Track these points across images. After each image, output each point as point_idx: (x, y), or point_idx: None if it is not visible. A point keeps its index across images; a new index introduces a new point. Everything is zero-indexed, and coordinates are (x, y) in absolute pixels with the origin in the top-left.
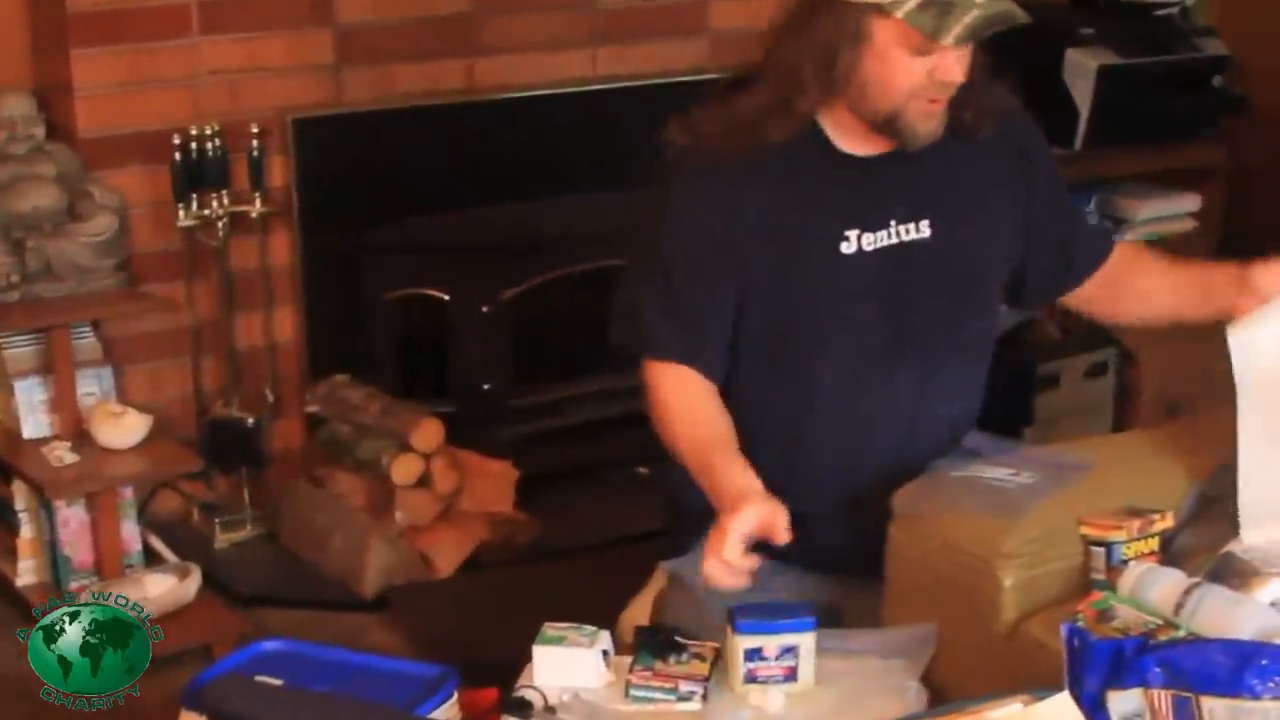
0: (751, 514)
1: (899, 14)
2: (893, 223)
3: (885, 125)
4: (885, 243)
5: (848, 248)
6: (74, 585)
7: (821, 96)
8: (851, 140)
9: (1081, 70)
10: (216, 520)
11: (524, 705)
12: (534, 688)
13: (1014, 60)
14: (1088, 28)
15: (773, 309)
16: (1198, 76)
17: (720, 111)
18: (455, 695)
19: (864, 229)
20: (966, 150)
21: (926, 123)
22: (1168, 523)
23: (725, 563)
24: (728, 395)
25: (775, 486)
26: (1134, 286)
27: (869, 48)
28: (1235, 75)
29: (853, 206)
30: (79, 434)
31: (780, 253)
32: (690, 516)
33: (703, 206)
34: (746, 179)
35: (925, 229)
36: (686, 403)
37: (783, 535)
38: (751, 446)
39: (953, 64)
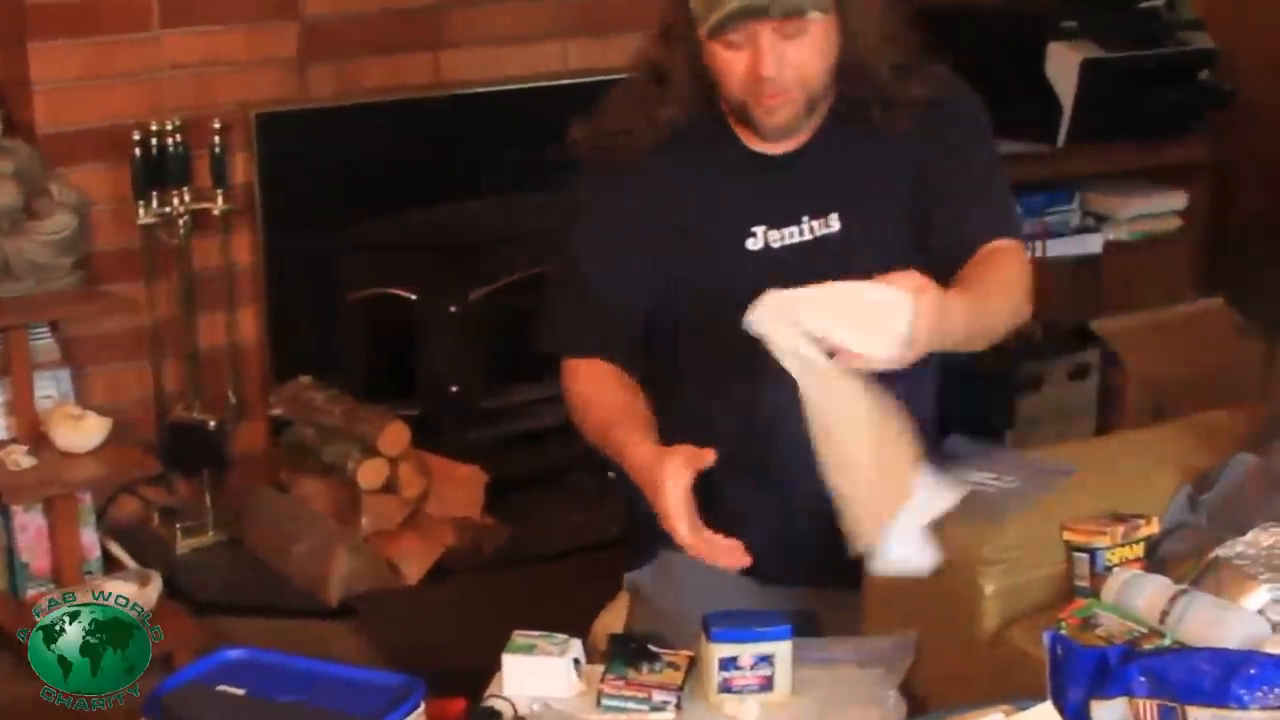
0: (671, 482)
1: (691, 3)
2: (805, 219)
3: (741, 118)
4: (796, 239)
5: (754, 244)
6: (31, 593)
7: (681, 88)
8: (754, 138)
9: (1064, 64)
10: (177, 526)
11: (493, 715)
12: (503, 697)
13: (995, 54)
14: (1070, 20)
15: (690, 309)
16: (1184, 70)
17: (619, 103)
18: (422, 705)
19: (771, 225)
20: (876, 141)
21: (771, 117)
22: (1153, 528)
23: (699, 546)
24: (678, 411)
25: (735, 497)
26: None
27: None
28: (1222, 69)
29: (760, 203)
30: (36, 437)
31: (688, 249)
32: (642, 524)
33: (607, 201)
34: (650, 175)
35: (835, 223)
36: (593, 388)
37: (704, 460)
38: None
39: (763, 56)
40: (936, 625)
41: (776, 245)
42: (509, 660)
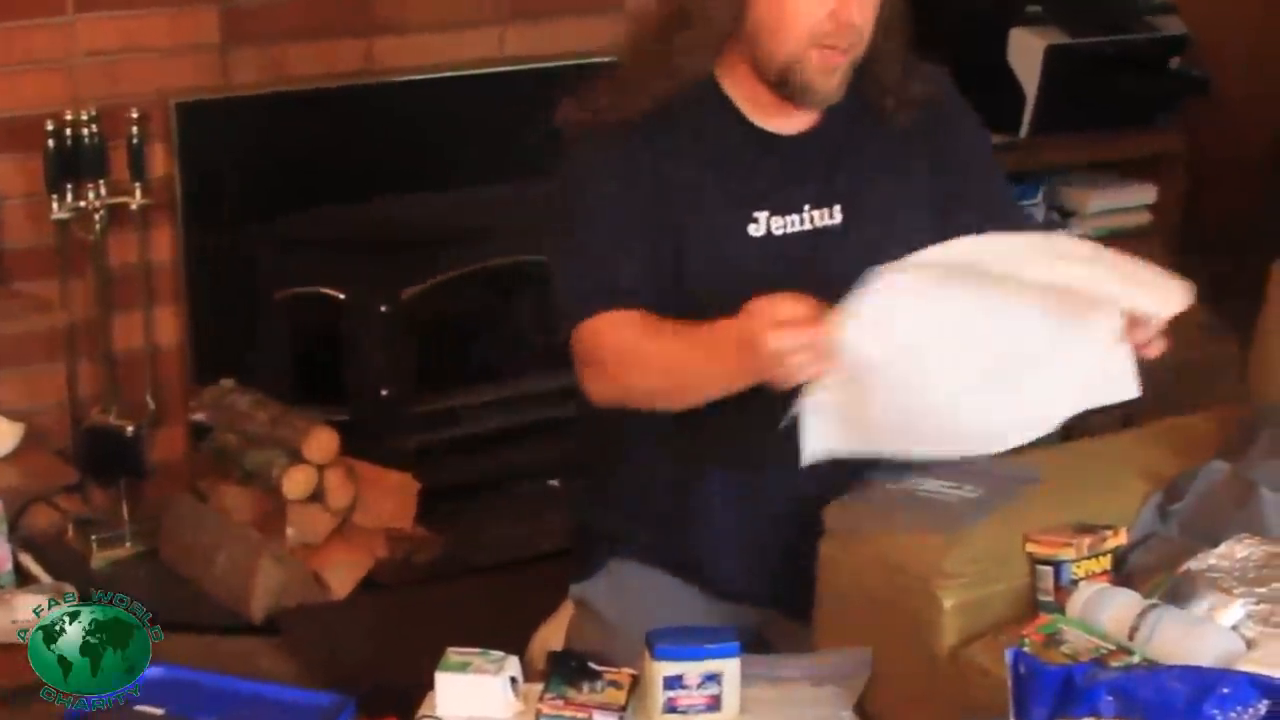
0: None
1: None
2: (806, 207)
3: (782, 77)
4: (796, 228)
5: (755, 230)
6: None
7: (705, 34)
8: (764, 114)
9: (1028, 50)
10: (93, 537)
11: None
12: (436, 718)
13: (954, 39)
14: (1035, 4)
15: (676, 291)
16: (1154, 57)
17: (610, 79)
18: None
19: (774, 211)
20: (882, 136)
21: (826, 78)
22: (1120, 539)
23: (799, 337)
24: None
25: (710, 495)
26: None
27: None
28: (1195, 56)
29: (763, 186)
30: None
31: (682, 227)
32: (596, 535)
33: (605, 166)
34: (645, 144)
35: (837, 215)
36: (634, 331)
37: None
38: (655, 458)
39: (852, 3)
40: (893, 641)
41: (778, 233)
42: (442, 679)
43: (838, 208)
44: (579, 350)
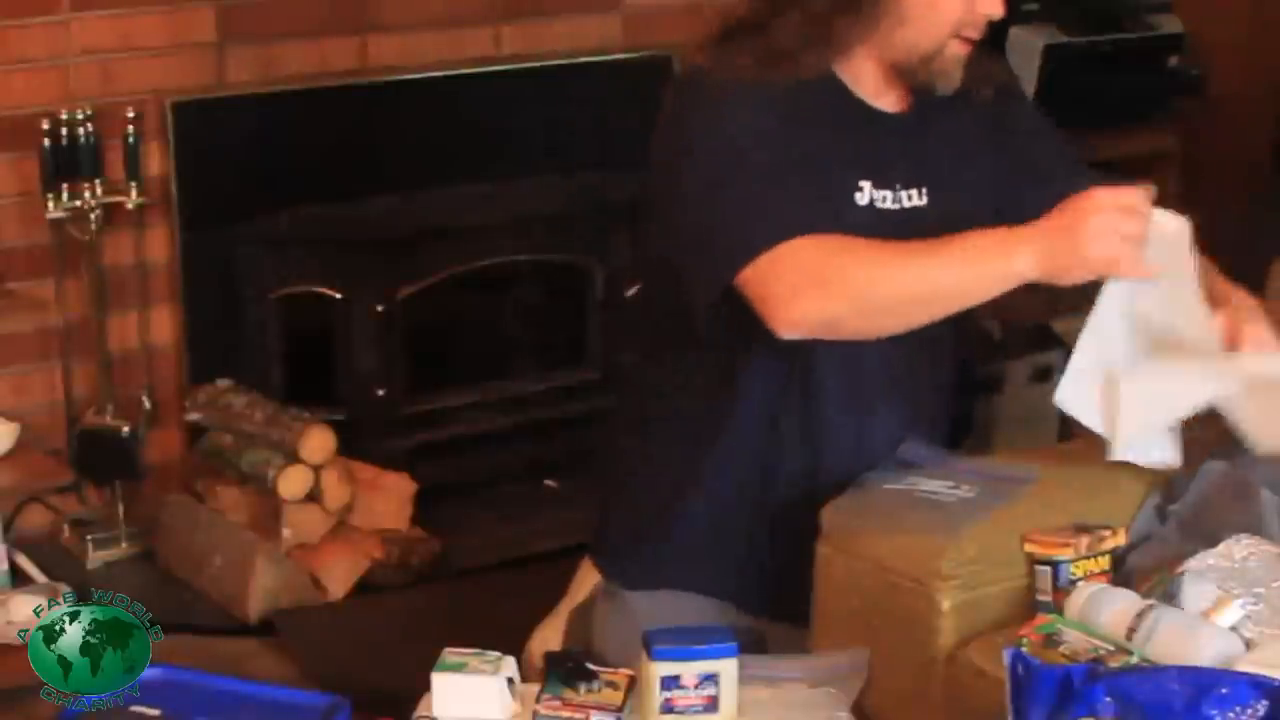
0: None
1: None
2: (898, 185)
3: (920, 66)
4: (890, 204)
5: (861, 198)
6: None
7: (868, 20)
8: (866, 90)
9: (1026, 49)
10: (88, 537)
11: None
12: (433, 718)
13: None
14: (1033, 3)
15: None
16: (1151, 56)
17: (754, 42)
18: None
19: (876, 184)
20: (957, 119)
21: (959, 66)
22: (1119, 540)
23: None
24: (688, 379)
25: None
26: None
27: None
28: (1192, 55)
29: (868, 158)
30: None
31: (802, 189)
32: (646, 531)
33: (770, 117)
34: (782, 109)
35: (924, 196)
36: (833, 246)
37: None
38: (696, 435)
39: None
40: (890, 642)
41: (880, 205)
42: (439, 679)
43: (925, 189)
44: (755, 287)
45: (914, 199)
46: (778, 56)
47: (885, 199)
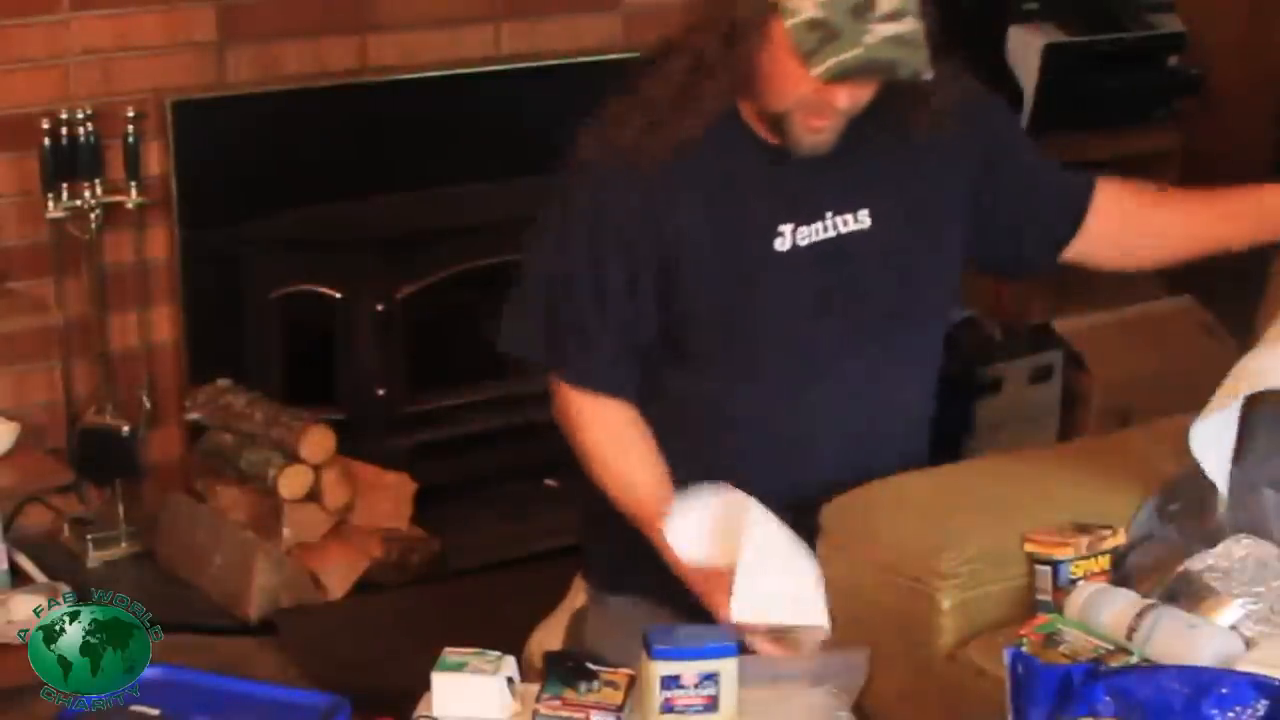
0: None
1: (788, 23)
2: (828, 214)
3: (773, 125)
4: (821, 236)
5: (781, 244)
6: None
7: (728, 83)
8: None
9: (1026, 49)
10: (88, 537)
11: None
12: (433, 718)
13: (954, 38)
14: (1033, 3)
15: (711, 312)
16: (1151, 55)
17: (631, 107)
18: None
19: (798, 223)
20: (912, 142)
21: (810, 137)
22: (1119, 539)
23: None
24: (651, 400)
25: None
26: (1142, 226)
27: (767, 42)
28: (1192, 54)
29: (784, 200)
30: None
31: (713, 255)
32: (611, 539)
33: (622, 209)
34: (669, 182)
35: (864, 218)
36: (617, 450)
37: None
38: (676, 454)
39: (839, 91)
40: (890, 642)
41: (804, 243)
42: (439, 679)
43: (864, 212)
44: (556, 390)
45: (851, 223)
46: (655, 132)
47: (814, 233)
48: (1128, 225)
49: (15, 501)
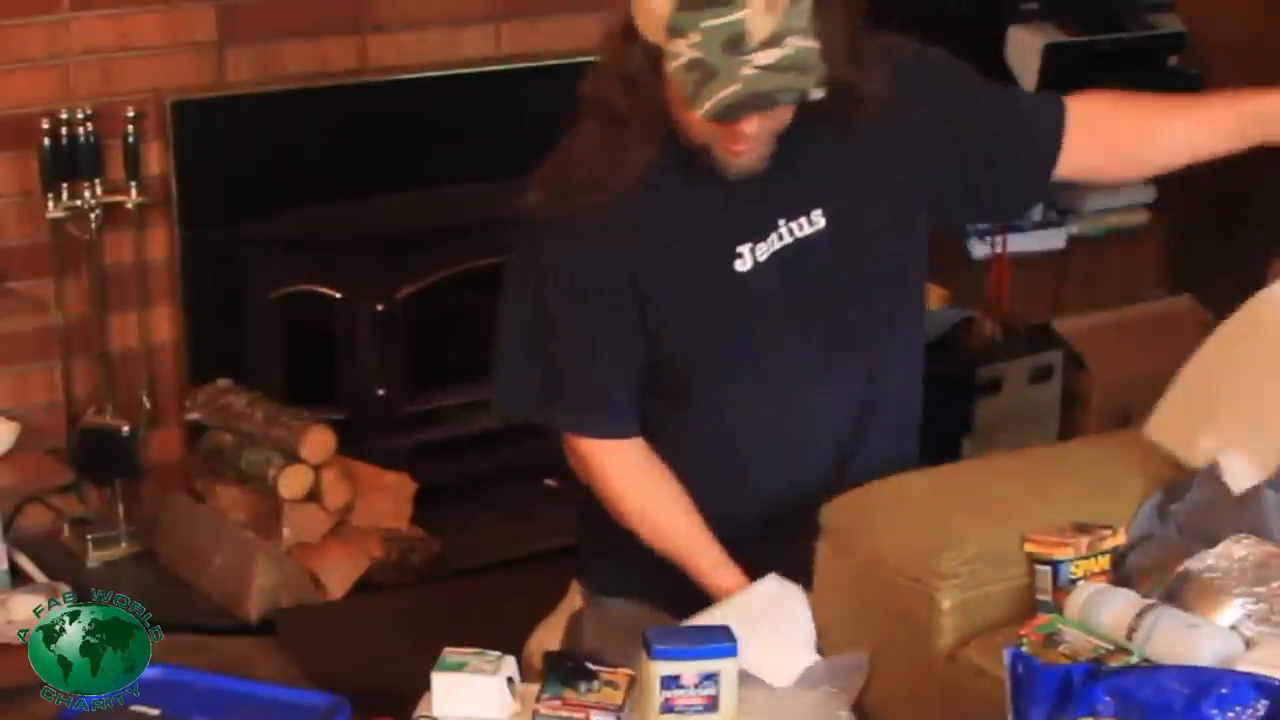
0: None
1: (670, 66)
2: (781, 223)
3: (702, 156)
4: (779, 245)
5: (742, 265)
6: None
7: (643, 128)
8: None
9: (1026, 49)
10: (88, 537)
11: None
12: (433, 718)
13: (953, 37)
14: (1033, 3)
15: (682, 343)
16: (1151, 56)
17: (563, 168)
18: None
19: (754, 241)
20: (855, 139)
21: (736, 161)
22: (1119, 539)
23: None
24: (672, 429)
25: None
26: (1125, 127)
27: (664, 84)
28: (1192, 54)
29: (736, 222)
30: None
31: (676, 287)
32: (608, 544)
33: (588, 260)
34: (622, 222)
35: (819, 219)
36: (641, 495)
37: None
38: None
39: (740, 126)
40: (890, 642)
41: (764, 258)
42: (439, 679)
43: (817, 212)
44: (569, 449)
45: (807, 225)
46: (590, 188)
47: (772, 244)
48: (1111, 130)
49: (15, 501)
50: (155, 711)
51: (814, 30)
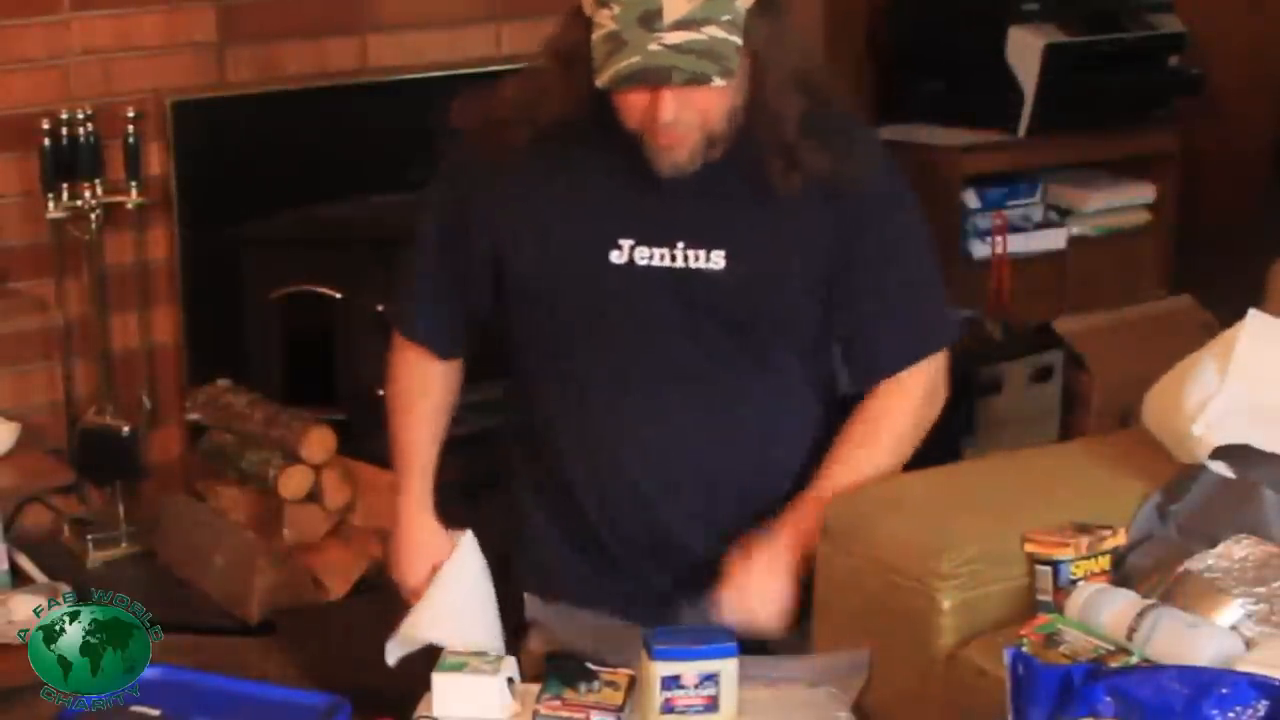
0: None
1: (594, 37)
2: (680, 244)
3: (639, 144)
4: (665, 263)
5: (618, 257)
6: None
7: (565, 102)
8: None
9: (1026, 49)
10: (89, 537)
11: None
12: (433, 718)
13: (953, 38)
14: (1033, 3)
15: (538, 309)
16: (1152, 55)
17: (515, 89)
18: None
19: (640, 241)
20: (780, 192)
21: (664, 155)
22: (1119, 540)
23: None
24: (521, 399)
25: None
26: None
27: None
28: (1192, 54)
29: (635, 217)
30: None
31: (547, 250)
32: (530, 541)
33: (463, 182)
34: (523, 167)
35: (719, 260)
36: (405, 402)
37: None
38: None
39: (662, 103)
40: (890, 642)
41: (641, 263)
42: (439, 679)
43: (719, 253)
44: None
45: (704, 260)
46: (527, 107)
47: (655, 257)
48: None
49: (15, 501)
50: (155, 711)
51: (748, 34)
